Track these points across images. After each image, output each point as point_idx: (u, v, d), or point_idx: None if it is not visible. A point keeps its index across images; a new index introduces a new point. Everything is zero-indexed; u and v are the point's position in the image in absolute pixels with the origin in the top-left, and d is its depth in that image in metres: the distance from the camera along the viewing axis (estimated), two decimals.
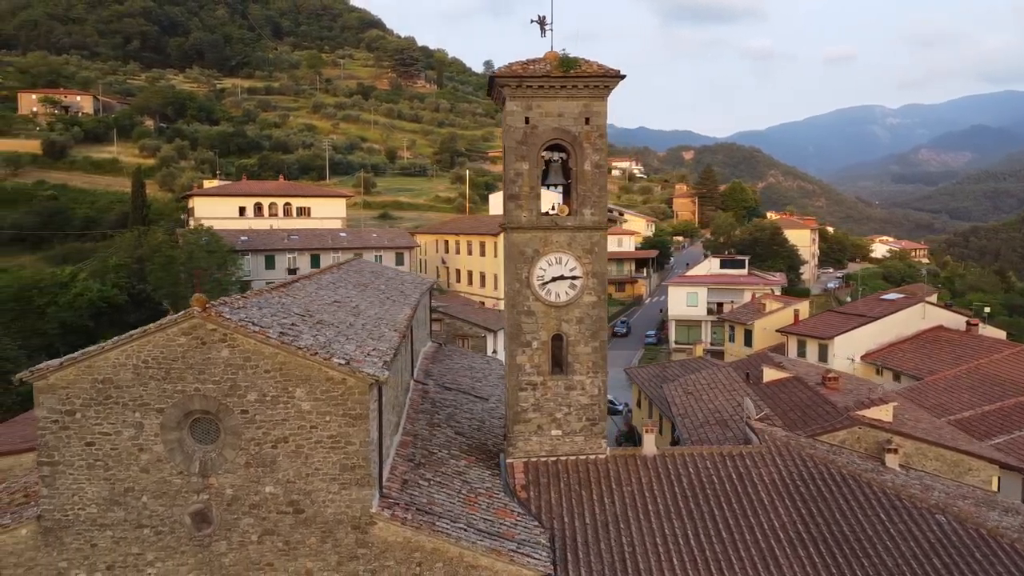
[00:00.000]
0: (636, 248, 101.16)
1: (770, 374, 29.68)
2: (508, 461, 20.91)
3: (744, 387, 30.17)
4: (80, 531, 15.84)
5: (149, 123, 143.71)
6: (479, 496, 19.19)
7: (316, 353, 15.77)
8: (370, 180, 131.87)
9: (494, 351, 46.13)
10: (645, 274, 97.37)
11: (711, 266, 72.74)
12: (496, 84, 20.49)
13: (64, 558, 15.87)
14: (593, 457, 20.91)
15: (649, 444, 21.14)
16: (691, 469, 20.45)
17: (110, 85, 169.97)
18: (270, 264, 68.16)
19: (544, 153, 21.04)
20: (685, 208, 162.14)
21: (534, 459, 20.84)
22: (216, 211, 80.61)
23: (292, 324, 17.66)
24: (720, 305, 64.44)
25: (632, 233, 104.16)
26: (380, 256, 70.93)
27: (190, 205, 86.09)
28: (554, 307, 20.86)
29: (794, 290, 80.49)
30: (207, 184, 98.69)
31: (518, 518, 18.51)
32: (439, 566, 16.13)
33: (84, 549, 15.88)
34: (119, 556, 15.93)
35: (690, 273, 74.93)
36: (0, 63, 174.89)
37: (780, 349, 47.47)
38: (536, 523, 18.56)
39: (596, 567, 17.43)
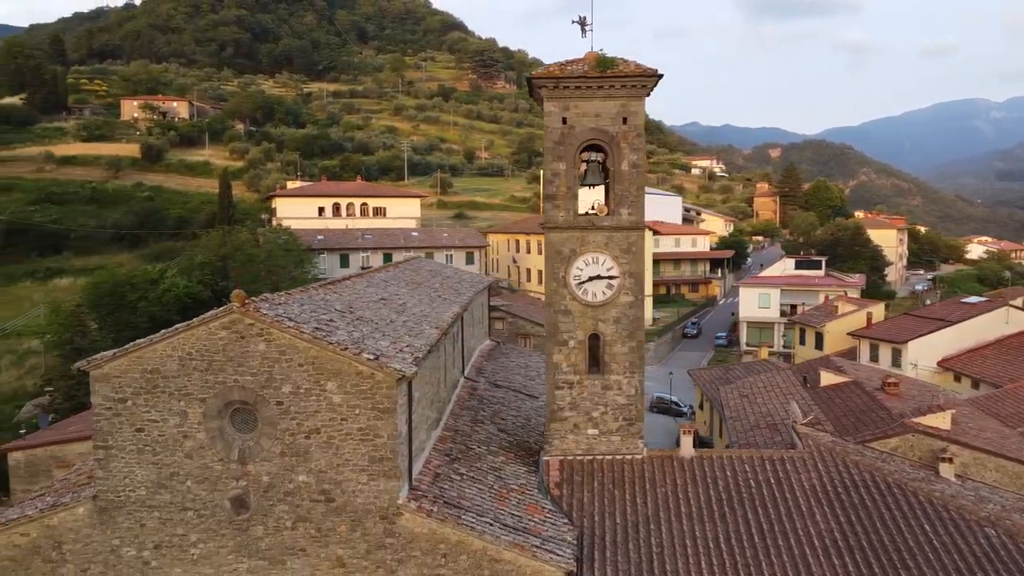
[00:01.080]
0: (711, 248, 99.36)
1: (827, 378, 28.85)
2: (544, 459, 21.10)
3: (800, 391, 29.43)
4: (131, 511, 16.91)
5: (239, 127, 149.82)
6: (511, 492, 19.46)
7: (346, 348, 16.35)
8: (447, 180, 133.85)
9: None
10: (719, 275, 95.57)
11: (785, 267, 70.79)
12: (534, 85, 20.71)
13: (116, 536, 16.97)
14: (629, 457, 20.87)
15: (686, 446, 20.95)
16: (728, 472, 20.17)
17: (205, 91, 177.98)
18: (344, 263, 70.10)
19: (583, 153, 21.16)
20: (766, 207, 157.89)
21: (570, 457, 20.95)
22: (297, 211, 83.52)
23: (330, 320, 18.34)
24: (793, 307, 62.68)
25: (707, 233, 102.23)
26: (451, 255, 72.03)
27: (273, 205, 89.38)
28: (591, 306, 20.94)
29: (878, 292, 77.46)
30: (290, 185, 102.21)
31: (548, 515, 18.70)
32: (463, 558, 16.49)
33: (134, 528, 16.94)
34: (165, 536, 16.93)
35: (763, 274, 73.04)
36: (106, 72, 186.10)
37: (852, 353, 45.91)
38: (566, 520, 18.71)
39: (623, 567, 17.45)
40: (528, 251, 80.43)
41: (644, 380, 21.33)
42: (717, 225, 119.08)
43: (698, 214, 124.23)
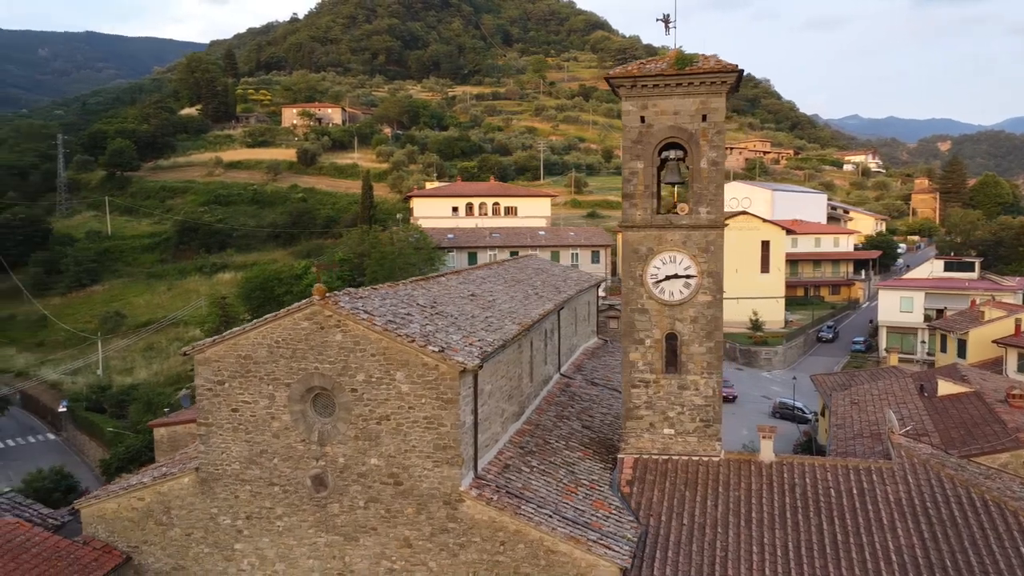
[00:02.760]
0: (855, 248, 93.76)
1: (945, 387, 26.92)
2: (619, 456, 21.24)
3: (915, 400, 27.65)
4: (227, 484, 18.66)
5: (387, 131, 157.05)
6: (579, 487, 19.74)
7: (413, 340, 17.26)
8: (581, 180, 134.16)
9: None
10: (864, 276, 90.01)
11: (933, 268, 65.79)
12: (612, 85, 20.85)
13: (215, 505, 18.79)
14: (706, 459, 20.60)
15: (767, 450, 20.39)
16: (808, 480, 19.47)
17: (357, 98, 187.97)
18: (472, 260, 71.98)
19: (662, 152, 21.07)
20: (926, 205, 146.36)
21: (645, 456, 20.96)
22: (432, 211, 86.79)
23: (407, 313, 19.37)
24: (940, 311, 58.18)
25: (850, 232, 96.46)
26: (576, 254, 72.42)
27: (411, 205, 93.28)
28: (668, 305, 20.83)
29: None
30: (428, 186, 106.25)
31: (613, 511, 18.84)
32: (521, 547, 16.99)
33: (229, 499, 18.69)
34: (255, 508, 18.56)
35: (908, 276, 68.31)
36: (271, 83, 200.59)
37: (998, 363, 42.25)
38: (632, 518, 18.77)
39: (683, 568, 17.32)
40: None
41: (722, 381, 20.95)
42: (866, 224, 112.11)
43: (846, 212, 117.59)
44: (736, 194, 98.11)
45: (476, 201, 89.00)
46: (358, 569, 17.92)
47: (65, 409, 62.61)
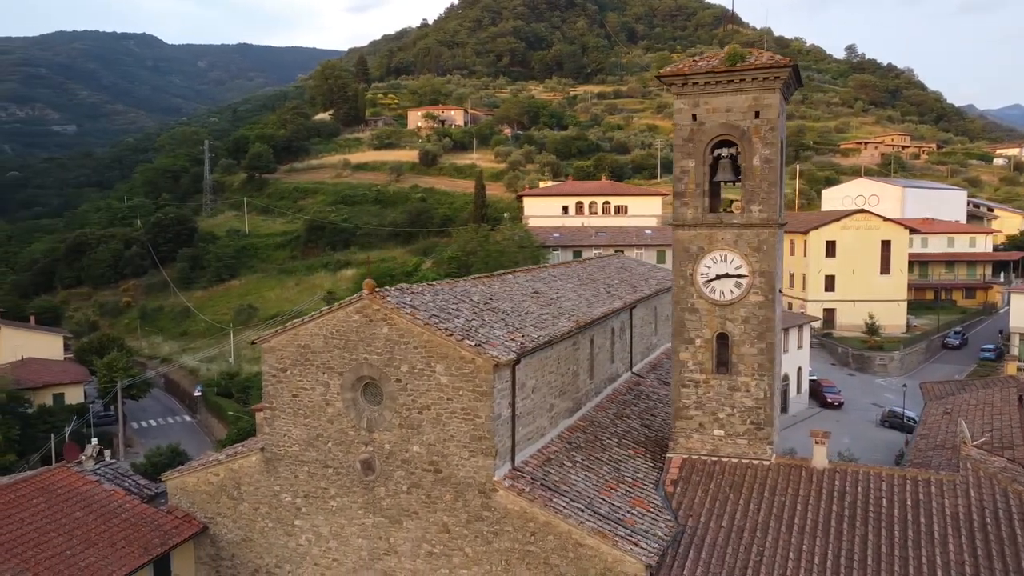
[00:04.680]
0: (995, 249, 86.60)
1: None
2: (668, 455, 21.20)
3: (1012, 411, 25.74)
4: (288, 464, 20.12)
5: (507, 131, 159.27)
6: (621, 484, 19.88)
7: (452, 334, 18.01)
8: None
9: None
10: (1004, 279, 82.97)
11: None
12: (664, 83, 20.80)
13: (278, 483, 20.30)
14: (756, 462, 20.22)
15: (819, 456, 19.76)
16: (860, 488, 18.75)
17: (480, 99, 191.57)
18: (577, 258, 72.30)
19: (715, 150, 20.82)
20: None
21: (694, 456, 20.83)
22: (542, 210, 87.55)
23: (455, 309, 20.16)
24: None
25: (990, 231, 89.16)
26: None
27: (522, 205, 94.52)
28: (718, 305, 20.59)
29: None
30: (541, 185, 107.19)
31: (651, 509, 18.88)
32: (550, 538, 17.40)
33: (290, 479, 20.14)
34: (312, 488, 19.91)
35: None
36: (399, 87, 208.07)
37: None
38: (670, 517, 18.75)
39: (715, 570, 17.18)
40: None
41: (775, 383, 20.46)
42: (1013, 223, 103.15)
43: (990, 210, 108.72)
44: (862, 191, 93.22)
45: (586, 200, 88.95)
46: (402, 550, 18.89)
47: (200, 394, 68.06)
